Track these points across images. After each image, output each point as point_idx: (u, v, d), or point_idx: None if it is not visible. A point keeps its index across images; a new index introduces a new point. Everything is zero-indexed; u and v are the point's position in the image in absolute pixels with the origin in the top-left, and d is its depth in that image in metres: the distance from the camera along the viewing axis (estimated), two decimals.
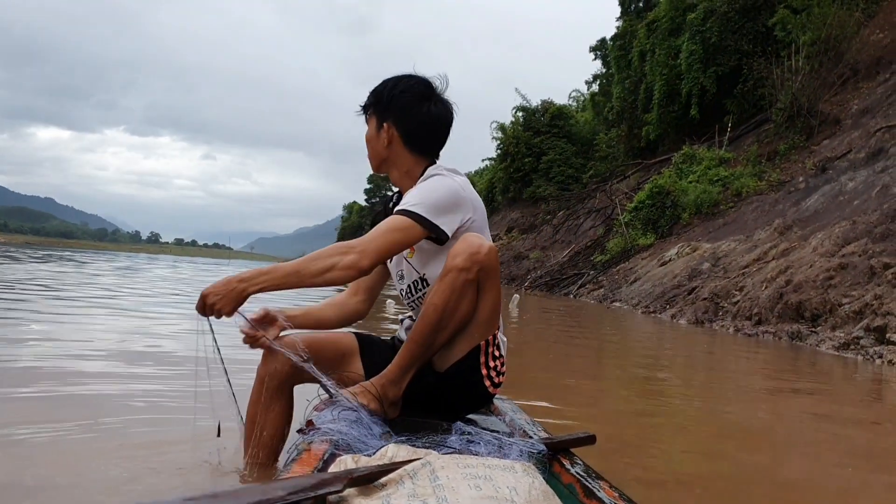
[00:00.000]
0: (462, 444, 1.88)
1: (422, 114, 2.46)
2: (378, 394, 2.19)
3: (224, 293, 2.04)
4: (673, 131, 28.40)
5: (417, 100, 2.46)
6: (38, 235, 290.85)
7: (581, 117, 45.00)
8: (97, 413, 3.08)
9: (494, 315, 2.31)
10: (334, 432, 1.88)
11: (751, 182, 19.51)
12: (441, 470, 1.47)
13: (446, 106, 2.51)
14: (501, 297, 2.34)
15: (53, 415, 3.03)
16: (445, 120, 2.51)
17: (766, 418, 4.34)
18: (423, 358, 2.26)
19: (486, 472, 1.50)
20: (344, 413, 2.02)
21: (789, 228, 13.37)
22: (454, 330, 2.25)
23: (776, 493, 2.72)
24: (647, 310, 13.96)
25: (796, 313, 9.01)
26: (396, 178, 2.54)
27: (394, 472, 1.48)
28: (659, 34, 28.64)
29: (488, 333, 2.32)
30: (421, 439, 1.89)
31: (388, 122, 2.47)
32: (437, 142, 2.53)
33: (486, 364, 2.34)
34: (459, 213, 2.32)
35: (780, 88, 20.78)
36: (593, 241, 26.50)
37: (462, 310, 2.22)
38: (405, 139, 2.47)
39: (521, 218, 41.63)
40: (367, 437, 1.93)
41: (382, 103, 2.48)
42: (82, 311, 7.69)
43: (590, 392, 5.03)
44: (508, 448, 1.85)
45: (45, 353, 4.62)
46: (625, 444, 3.32)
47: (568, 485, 1.74)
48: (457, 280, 2.15)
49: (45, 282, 11.94)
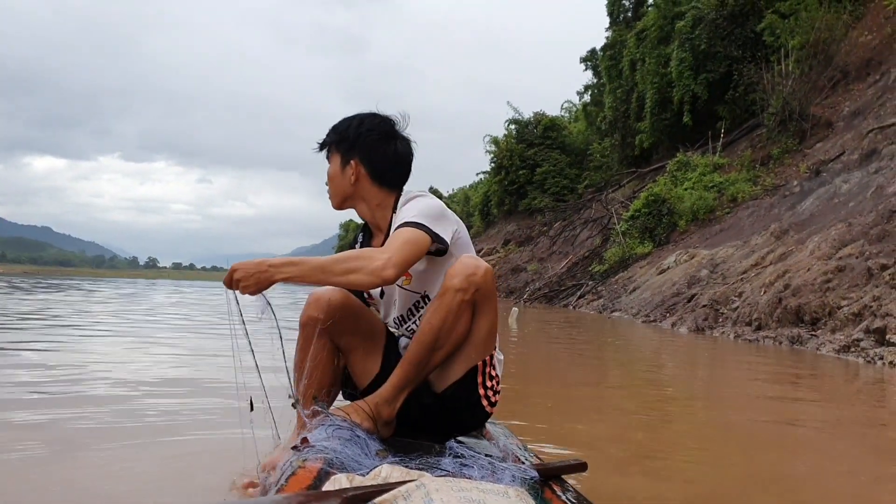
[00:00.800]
0: (455, 466, 1.88)
1: (388, 152, 2.53)
2: (372, 413, 2.21)
3: (253, 274, 2.10)
4: (666, 139, 28.51)
5: (384, 138, 2.53)
6: (37, 264, 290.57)
7: (574, 128, 45.13)
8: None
9: (491, 335, 2.34)
10: (328, 450, 1.87)
11: (745, 187, 19.57)
12: (435, 492, 1.46)
13: (408, 143, 2.59)
14: (498, 318, 2.36)
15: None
16: (409, 156, 2.59)
17: (770, 425, 4.33)
18: (419, 378, 2.28)
19: (480, 496, 1.49)
20: (338, 431, 2.03)
21: (785, 232, 13.38)
22: (449, 350, 2.27)
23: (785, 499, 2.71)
24: (648, 319, 13.95)
25: (796, 317, 9.00)
26: (365, 211, 2.58)
27: (388, 493, 1.47)
28: (648, 43, 28.80)
29: (485, 353, 2.34)
30: (414, 460, 1.89)
31: (354, 160, 2.51)
32: (404, 176, 2.59)
33: (484, 384, 2.35)
34: (451, 225, 2.38)
35: (771, 93, 20.87)
36: (591, 251, 26.53)
37: (458, 330, 2.24)
38: (373, 176, 2.52)
39: (517, 230, 41.65)
40: (360, 457, 1.93)
41: (348, 141, 2.53)
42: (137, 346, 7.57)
43: (594, 405, 5.01)
44: (501, 473, 1.85)
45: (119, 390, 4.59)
46: (632, 457, 3.31)
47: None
48: (453, 301, 2.18)
49: (73, 315, 11.89)
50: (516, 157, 43.72)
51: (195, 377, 5.12)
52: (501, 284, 32.57)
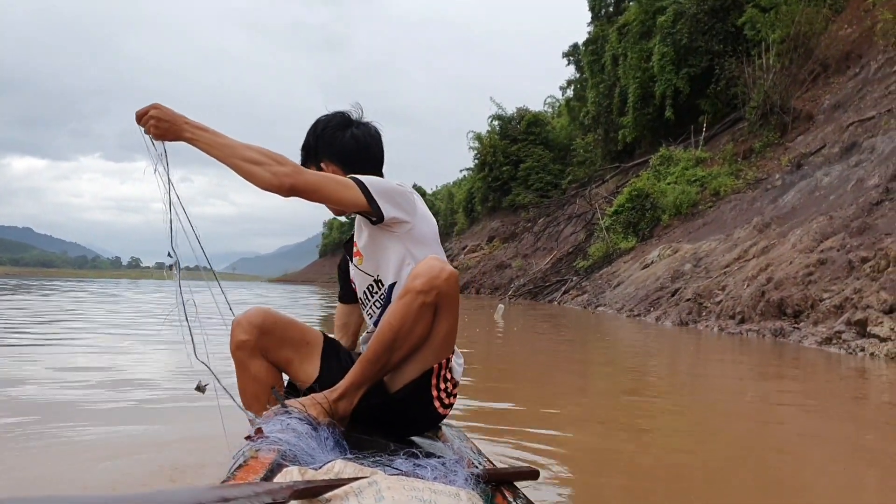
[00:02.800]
0: (409, 466, 1.88)
1: (347, 139, 2.56)
2: (329, 408, 2.20)
3: (167, 120, 2.11)
4: (649, 133, 28.65)
5: (339, 129, 2.57)
6: (18, 266, 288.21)
7: (557, 123, 45.25)
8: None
9: (449, 339, 2.33)
10: (282, 442, 1.86)
11: (728, 181, 19.66)
12: (387, 490, 1.46)
13: (367, 127, 2.62)
14: (458, 321, 2.34)
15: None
16: (372, 138, 2.61)
17: (755, 420, 4.34)
18: (377, 376, 2.27)
19: (431, 496, 1.50)
20: (293, 423, 2.01)
21: (768, 226, 13.46)
22: (408, 351, 2.26)
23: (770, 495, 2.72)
24: (632, 313, 13.99)
25: (778, 310, 9.05)
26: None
27: (339, 489, 1.46)
28: (630, 38, 28.91)
29: (442, 357, 2.34)
30: (368, 458, 1.89)
31: (324, 162, 2.57)
32: (373, 159, 2.61)
33: (437, 386, 2.36)
34: (401, 209, 2.34)
35: (752, 87, 21.01)
36: (575, 246, 26.60)
37: (417, 332, 2.22)
38: (344, 167, 2.54)
39: (501, 227, 41.75)
40: (314, 451, 1.92)
41: (312, 148, 2.59)
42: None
43: (578, 399, 5.02)
44: (454, 475, 1.84)
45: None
46: (614, 453, 3.31)
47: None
48: (414, 302, 2.16)
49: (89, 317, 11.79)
50: (500, 154, 43.83)
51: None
52: (486, 281, 32.63)
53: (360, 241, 2.49)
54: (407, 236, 2.37)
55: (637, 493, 2.75)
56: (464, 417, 3.88)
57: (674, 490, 2.78)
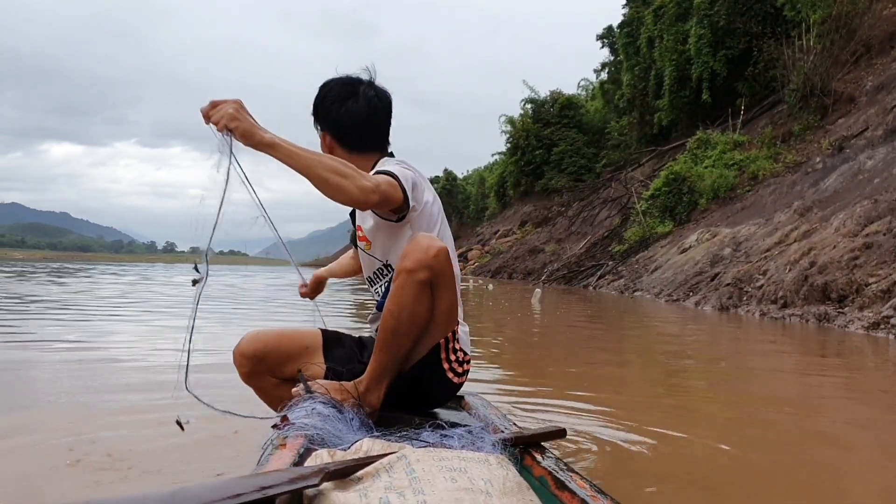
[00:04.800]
0: (436, 438, 1.89)
1: (344, 114, 2.47)
2: (353, 391, 2.23)
3: (241, 123, 1.98)
4: (685, 116, 28.29)
5: (339, 102, 2.47)
6: (56, 250, 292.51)
7: (591, 106, 44.82)
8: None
9: (452, 313, 2.32)
10: (309, 427, 1.87)
11: (767, 164, 19.39)
12: (417, 463, 1.47)
13: (368, 98, 2.49)
14: (458, 294, 2.35)
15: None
16: (373, 112, 2.50)
17: (797, 406, 4.31)
18: (394, 364, 2.26)
19: (461, 464, 1.50)
20: (318, 408, 2.03)
21: (809, 210, 13.27)
22: (418, 332, 2.25)
23: (803, 486, 2.71)
24: (671, 298, 13.91)
25: (822, 295, 8.95)
26: None
27: (370, 466, 1.48)
28: (666, 20, 28.50)
29: (447, 331, 2.34)
30: (395, 434, 1.91)
31: (324, 132, 2.53)
32: (374, 135, 2.54)
33: (448, 359, 2.38)
34: (415, 199, 2.33)
35: (791, 69, 20.63)
36: (610, 231, 26.43)
37: (419, 312, 2.20)
38: (341, 142, 2.50)
39: (534, 211, 41.59)
40: (341, 432, 1.93)
41: (316, 113, 2.54)
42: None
43: (624, 383, 5.02)
44: (481, 441, 1.85)
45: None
46: (646, 423, 3.31)
47: (539, 477, 1.75)
48: (407, 283, 2.14)
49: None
50: (532, 137, 43.56)
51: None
52: (518, 266, 32.57)
53: (364, 225, 2.48)
54: (416, 219, 2.37)
55: (668, 460, 2.76)
56: (495, 396, 3.90)
57: (707, 466, 2.77)
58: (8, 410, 3.50)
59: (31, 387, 4.17)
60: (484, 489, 1.40)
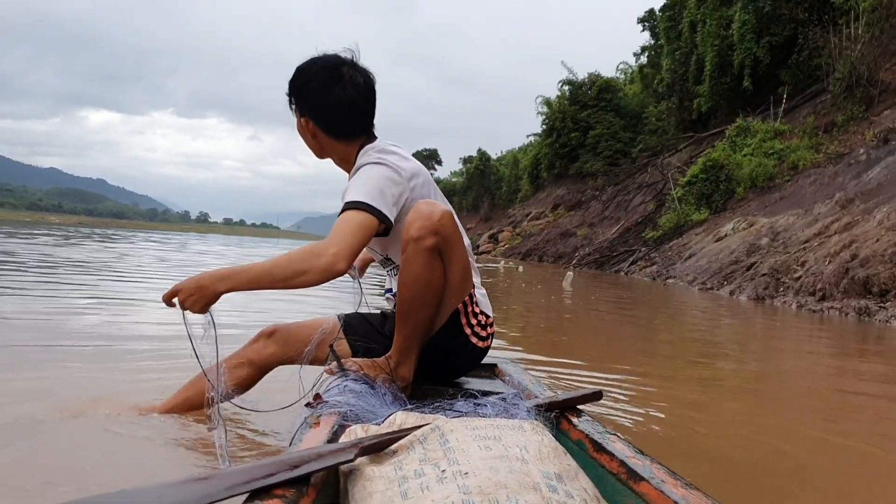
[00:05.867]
0: (469, 407, 1.89)
1: (331, 102, 2.39)
2: (386, 367, 2.23)
3: (195, 293, 2.02)
4: (725, 103, 27.86)
5: (324, 88, 2.38)
6: (92, 216, 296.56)
7: (629, 90, 44.28)
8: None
9: (466, 277, 2.30)
10: (342, 404, 1.88)
11: (807, 155, 19.04)
12: (451, 433, 1.46)
13: (356, 84, 2.41)
14: (469, 258, 2.33)
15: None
16: (359, 100, 2.42)
17: (828, 401, 4.22)
18: (418, 335, 2.25)
19: (495, 432, 1.49)
20: (350, 385, 2.03)
21: (851, 202, 13.02)
22: (435, 300, 2.23)
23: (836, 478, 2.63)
24: (704, 286, 13.76)
25: (864, 288, 8.78)
26: (337, 163, 2.54)
27: (404, 439, 1.47)
28: (710, 4, 28.02)
29: (463, 295, 2.33)
30: (428, 406, 1.89)
31: (305, 117, 2.45)
32: (361, 122, 2.46)
33: (469, 324, 2.37)
34: (398, 203, 2.29)
35: (837, 58, 20.21)
36: (644, 217, 26.18)
37: (434, 280, 2.19)
38: (326, 130, 2.44)
39: (567, 194, 41.31)
40: (375, 407, 1.93)
41: (295, 97, 2.45)
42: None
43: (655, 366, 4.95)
44: (515, 408, 1.86)
45: None
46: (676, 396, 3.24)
47: (577, 441, 1.75)
48: (416, 252, 2.13)
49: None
50: (569, 119, 43.17)
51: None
52: (549, 249, 32.43)
53: None
54: (405, 216, 2.29)
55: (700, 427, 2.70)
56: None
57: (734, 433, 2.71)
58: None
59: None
60: (519, 456, 1.38)
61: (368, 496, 1.31)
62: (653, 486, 1.36)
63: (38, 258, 11.97)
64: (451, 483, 1.26)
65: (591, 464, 1.61)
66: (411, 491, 1.27)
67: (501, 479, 1.25)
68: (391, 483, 1.32)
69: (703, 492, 1.32)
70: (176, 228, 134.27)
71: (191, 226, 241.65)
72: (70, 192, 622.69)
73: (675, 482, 1.36)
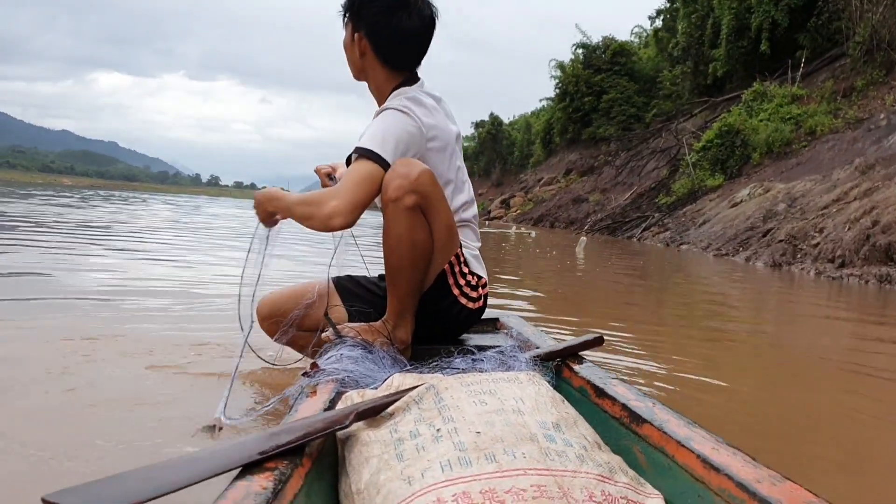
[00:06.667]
0: (467, 363, 1.88)
1: (392, 26, 2.32)
2: (383, 330, 2.20)
3: (257, 207, 2.36)
4: (742, 67, 27.44)
5: (388, 11, 2.31)
6: (103, 178, 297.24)
7: (644, 54, 43.71)
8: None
9: (451, 236, 2.25)
10: (339, 371, 1.86)
11: (825, 120, 18.76)
12: (445, 391, 1.46)
13: (422, 16, 2.34)
14: (452, 215, 2.27)
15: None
16: (421, 32, 2.36)
17: (845, 370, 4.13)
18: (410, 297, 2.21)
19: (490, 386, 1.49)
20: (346, 351, 2.00)
21: (871, 167, 12.82)
22: (422, 259, 2.18)
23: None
24: (719, 252, 13.64)
25: (885, 255, 8.66)
26: (372, 90, 2.48)
27: (400, 401, 1.46)
28: None
29: (449, 254, 2.27)
30: (427, 366, 1.89)
31: (359, 33, 2.37)
32: (413, 56, 2.41)
33: (457, 284, 2.32)
34: (411, 151, 2.23)
35: (858, 21, 19.84)
36: (657, 182, 25.95)
37: (418, 240, 2.14)
38: (377, 52, 2.37)
39: (579, 160, 41.01)
40: (373, 372, 1.90)
41: (354, 10, 2.37)
42: None
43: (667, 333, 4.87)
44: (513, 360, 1.86)
45: None
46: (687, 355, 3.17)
47: (579, 388, 1.76)
48: (395, 212, 2.08)
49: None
50: (582, 84, 42.70)
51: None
52: (561, 215, 32.28)
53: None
54: (429, 157, 2.28)
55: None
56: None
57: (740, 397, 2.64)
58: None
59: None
60: (515, 408, 1.38)
61: (365, 461, 1.29)
62: (655, 426, 1.36)
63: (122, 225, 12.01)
64: (446, 441, 1.25)
65: (593, 410, 1.62)
66: (407, 452, 1.26)
67: (497, 433, 1.25)
68: (387, 446, 1.31)
69: (706, 429, 1.29)
70: (187, 191, 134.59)
71: (202, 189, 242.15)
72: (82, 155, 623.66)
73: (678, 422, 1.35)
